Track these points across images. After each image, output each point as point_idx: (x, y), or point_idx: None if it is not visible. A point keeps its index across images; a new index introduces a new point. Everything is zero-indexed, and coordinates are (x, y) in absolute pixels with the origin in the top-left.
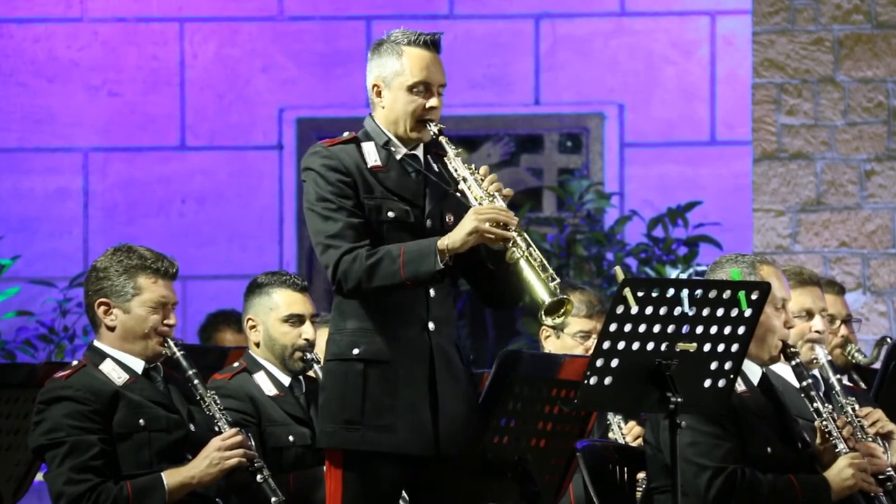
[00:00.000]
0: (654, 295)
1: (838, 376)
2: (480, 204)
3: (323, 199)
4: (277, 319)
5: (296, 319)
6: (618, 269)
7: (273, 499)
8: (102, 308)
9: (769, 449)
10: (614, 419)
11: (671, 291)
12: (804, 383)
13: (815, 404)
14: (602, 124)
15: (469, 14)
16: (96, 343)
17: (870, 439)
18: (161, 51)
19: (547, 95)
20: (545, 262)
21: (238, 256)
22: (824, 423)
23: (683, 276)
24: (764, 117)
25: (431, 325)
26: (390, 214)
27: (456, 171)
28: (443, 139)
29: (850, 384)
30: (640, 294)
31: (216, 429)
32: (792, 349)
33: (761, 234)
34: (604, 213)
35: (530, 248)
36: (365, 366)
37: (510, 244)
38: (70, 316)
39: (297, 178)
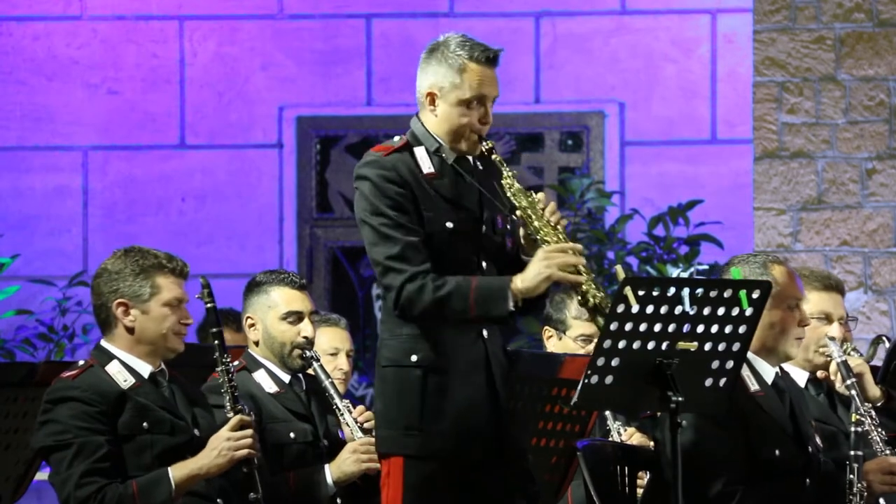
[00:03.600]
0: (654, 294)
1: (853, 379)
2: (545, 240)
3: (380, 213)
4: (276, 317)
5: (294, 317)
6: (619, 268)
7: (251, 494)
8: (121, 309)
9: (777, 451)
10: (613, 425)
11: (672, 290)
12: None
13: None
14: (603, 122)
15: (469, 12)
16: (104, 343)
17: (887, 451)
18: (161, 49)
19: (547, 94)
20: (608, 301)
21: (238, 255)
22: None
23: (684, 274)
24: (765, 116)
25: (485, 333)
26: (449, 225)
27: (514, 196)
28: (496, 158)
29: None
30: (640, 293)
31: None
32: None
33: (762, 233)
34: (605, 212)
35: (601, 293)
36: (423, 372)
37: (583, 288)
38: (69, 315)
39: (297, 176)
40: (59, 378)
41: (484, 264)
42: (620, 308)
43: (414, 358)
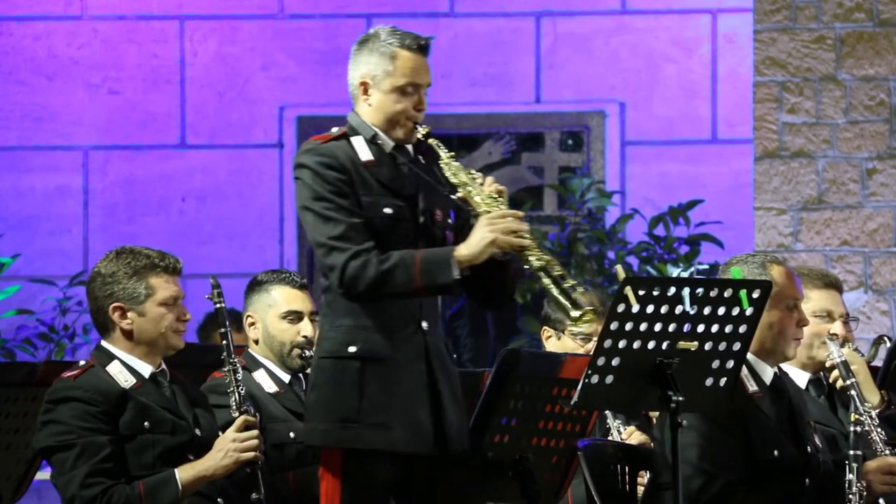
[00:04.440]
0: (655, 293)
1: (853, 379)
2: (487, 211)
3: (321, 198)
4: (276, 316)
5: (294, 316)
6: (619, 268)
7: (253, 494)
8: (118, 313)
9: (776, 452)
10: (613, 423)
11: (672, 290)
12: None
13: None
14: (603, 122)
15: (470, 12)
16: (104, 344)
17: (886, 451)
18: (161, 49)
19: (548, 93)
20: (564, 271)
21: (238, 255)
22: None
23: (685, 274)
24: (765, 115)
25: (425, 324)
26: (387, 211)
27: (454, 175)
28: (433, 142)
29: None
30: (641, 292)
31: None
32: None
33: (763, 233)
34: (605, 212)
35: (548, 256)
36: (361, 363)
37: (526, 251)
38: (70, 314)
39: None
40: (59, 378)
41: None
42: (621, 308)
43: (352, 349)
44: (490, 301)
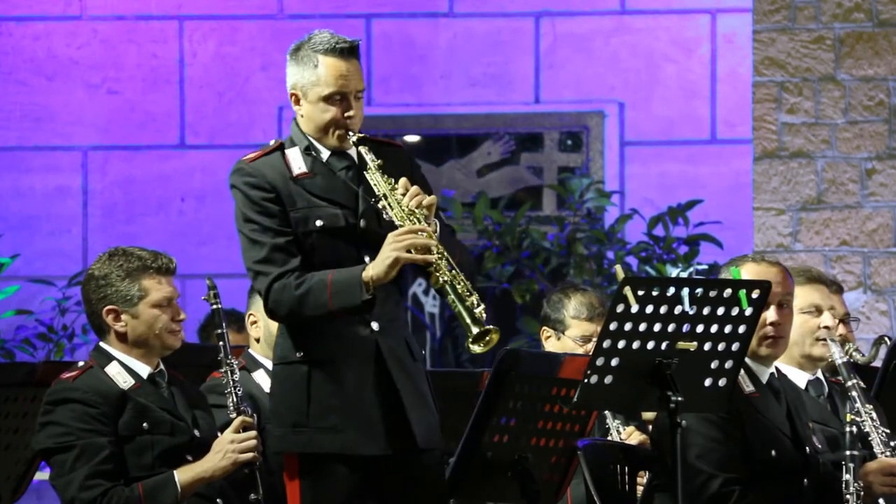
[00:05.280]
0: (654, 294)
1: (855, 380)
2: (401, 225)
3: (249, 220)
4: None
5: None
6: (618, 268)
7: (252, 495)
8: (111, 315)
9: (774, 452)
10: (613, 423)
11: (671, 290)
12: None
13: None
14: (602, 122)
15: (469, 12)
16: (102, 345)
17: (887, 453)
18: (160, 49)
19: (547, 93)
20: (469, 285)
21: (237, 255)
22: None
23: (684, 274)
24: (765, 116)
25: (375, 325)
26: (318, 223)
27: (377, 185)
28: (362, 149)
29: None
30: (640, 293)
31: None
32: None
33: (762, 233)
34: (604, 212)
35: (453, 272)
36: (309, 367)
37: (432, 268)
38: (69, 315)
39: None
40: (58, 379)
41: (367, 259)
42: (620, 308)
43: (300, 354)
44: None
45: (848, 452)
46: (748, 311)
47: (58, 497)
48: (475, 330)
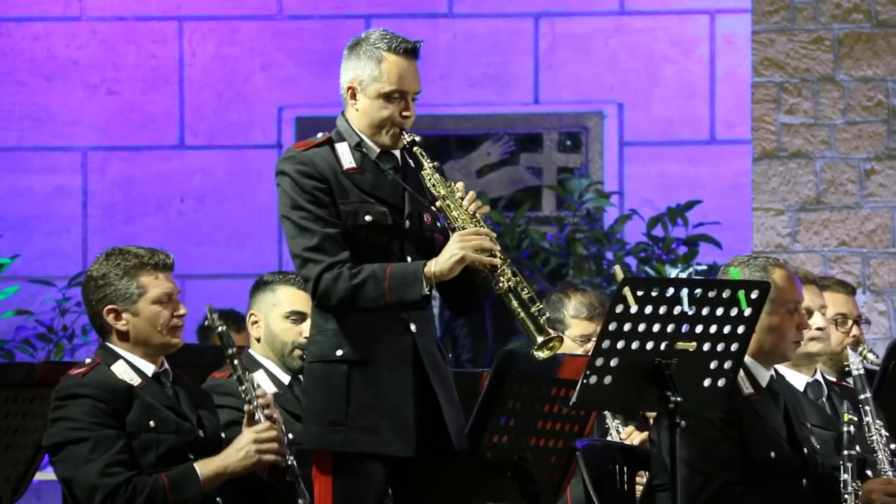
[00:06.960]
0: (653, 294)
1: (869, 394)
2: (463, 227)
3: (299, 207)
4: (279, 315)
5: (297, 317)
6: (617, 269)
7: (300, 500)
8: (112, 315)
9: (772, 453)
10: (612, 423)
11: (671, 290)
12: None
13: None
14: (602, 123)
15: (468, 13)
16: (108, 343)
17: (890, 473)
18: (160, 49)
19: (546, 94)
20: (532, 293)
21: (237, 255)
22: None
23: (683, 275)
24: (763, 116)
25: (413, 327)
26: (367, 218)
27: (434, 186)
28: (417, 150)
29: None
30: (639, 293)
31: None
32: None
33: (761, 234)
34: (603, 212)
35: (517, 278)
36: (349, 367)
37: (497, 272)
38: (69, 315)
39: None
40: (67, 376)
41: (409, 259)
42: (619, 308)
43: (339, 353)
44: (460, 308)
45: (846, 452)
46: (747, 312)
47: (69, 492)
48: (540, 339)
